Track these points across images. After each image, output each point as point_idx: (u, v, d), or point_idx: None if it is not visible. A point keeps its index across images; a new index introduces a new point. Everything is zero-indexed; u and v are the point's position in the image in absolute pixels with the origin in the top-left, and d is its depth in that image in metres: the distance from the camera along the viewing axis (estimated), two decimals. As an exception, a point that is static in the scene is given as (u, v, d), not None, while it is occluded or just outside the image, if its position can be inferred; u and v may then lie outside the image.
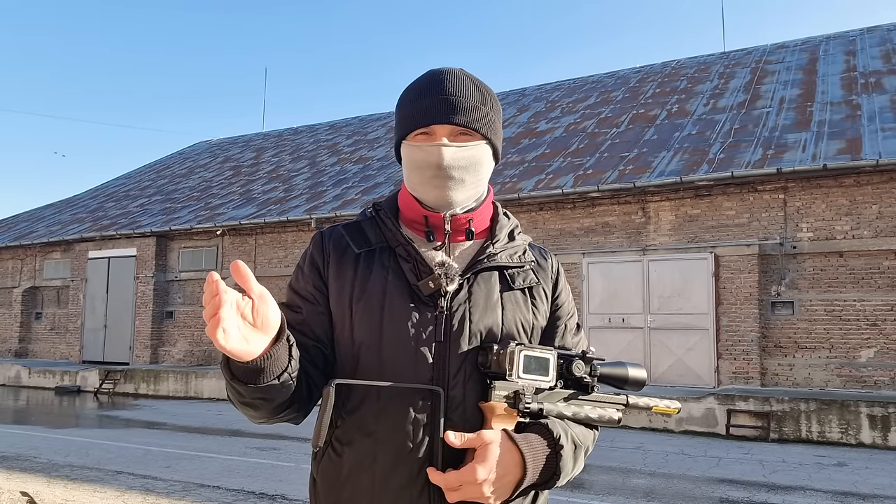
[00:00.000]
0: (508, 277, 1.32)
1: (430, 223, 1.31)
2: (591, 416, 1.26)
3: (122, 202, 23.88)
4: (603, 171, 13.87)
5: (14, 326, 21.53)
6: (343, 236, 1.34)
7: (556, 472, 1.19)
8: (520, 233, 1.41)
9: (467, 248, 1.34)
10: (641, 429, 10.88)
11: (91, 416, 13.34)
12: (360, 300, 1.26)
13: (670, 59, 21.79)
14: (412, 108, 1.30)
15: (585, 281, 13.28)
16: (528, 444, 1.17)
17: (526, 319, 1.30)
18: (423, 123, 1.28)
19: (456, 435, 1.16)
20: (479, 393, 1.22)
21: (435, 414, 1.19)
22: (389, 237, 1.32)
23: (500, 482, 1.13)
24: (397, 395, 1.20)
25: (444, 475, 1.14)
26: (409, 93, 1.33)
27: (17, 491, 6.25)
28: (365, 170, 19.72)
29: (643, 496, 6.75)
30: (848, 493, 6.87)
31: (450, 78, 1.30)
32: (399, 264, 1.29)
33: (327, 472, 1.25)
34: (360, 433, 1.22)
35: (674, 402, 1.33)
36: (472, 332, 1.24)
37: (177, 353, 18.50)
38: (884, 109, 13.31)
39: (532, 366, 1.20)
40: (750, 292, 11.84)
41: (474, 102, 1.29)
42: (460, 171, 1.27)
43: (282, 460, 8.38)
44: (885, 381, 10.94)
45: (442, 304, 1.25)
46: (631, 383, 1.29)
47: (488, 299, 1.28)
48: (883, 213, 11.25)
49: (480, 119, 1.29)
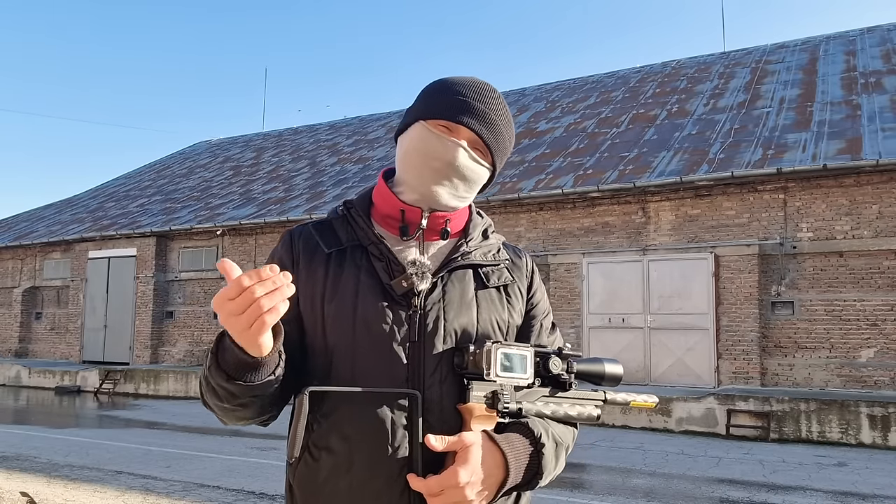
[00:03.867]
0: (483, 276, 1.30)
1: (406, 218, 1.28)
2: (571, 413, 1.25)
3: (122, 202, 23.88)
4: (603, 171, 13.86)
5: (14, 326, 21.53)
6: (312, 235, 1.30)
7: (539, 471, 1.17)
8: (493, 231, 1.38)
9: (441, 246, 1.31)
10: (641, 429, 10.87)
11: (91, 416, 13.34)
12: (332, 301, 1.22)
13: (670, 59, 21.79)
14: (451, 97, 1.26)
15: (585, 281, 13.27)
16: (510, 445, 1.15)
17: (501, 318, 1.28)
18: (455, 118, 1.25)
19: (437, 438, 1.13)
20: (455, 394, 1.19)
21: (412, 416, 1.16)
22: (361, 235, 1.28)
23: (484, 484, 1.12)
24: (374, 397, 1.17)
25: (425, 481, 1.11)
26: (451, 83, 1.30)
27: (17, 491, 6.25)
28: (365, 170, 19.71)
29: (643, 496, 6.74)
30: (848, 493, 6.87)
31: (493, 96, 1.29)
32: (371, 263, 1.25)
33: (304, 478, 1.21)
34: (336, 437, 1.18)
35: (651, 397, 1.32)
36: (447, 331, 1.22)
37: (177, 353, 18.50)
38: (884, 109, 13.31)
39: (509, 363, 1.18)
40: (750, 292, 11.84)
41: (503, 130, 1.29)
42: (461, 179, 1.26)
43: (282, 460, 8.36)
44: (885, 381, 10.94)
45: (415, 303, 1.22)
46: (608, 379, 1.27)
47: (463, 298, 1.25)
48: (883, 213, 11.25)
49: (500, 147, 1.30)
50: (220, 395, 1.11)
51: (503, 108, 1.30)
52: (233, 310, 0.98)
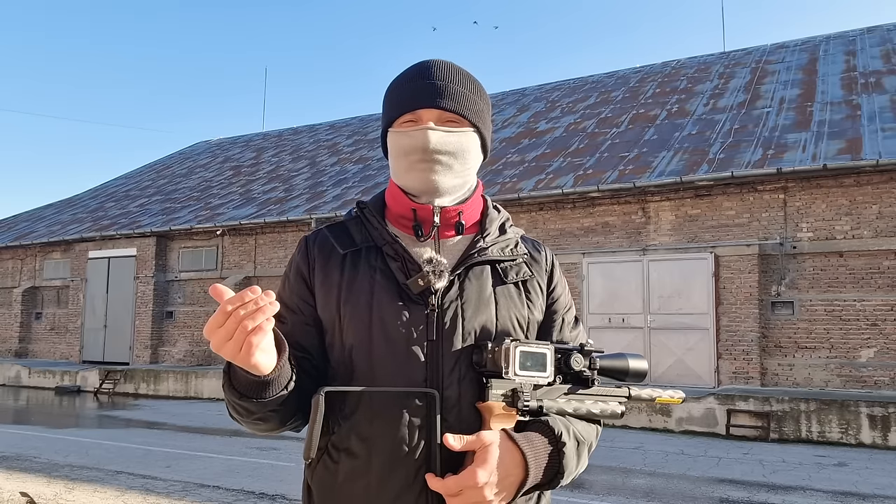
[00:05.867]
0: (501, 272, 1.28)
1: (419, 217, 1.27)
2: (593, 410, 1.22)
3: (122, 202, 23.88)
4: (603, 171, 13.86)
5: (14, 326, 21.52)
6: (328, 238, 1.31)
7: (560, 470, 1.16)
8: (511, 225, 1.36)
9: (457, 243, 1.30)
10: (641, 429, 10.87)
11: (91, 416, 13.34)
12: (349, 302, 1.22)
13: (670, 59, 21.79)
14: (398, 94, 1.28)
15: (585, 281, 13.27)
16: (530, 444, 1.14)
17: (521, 314, 1.26)
18: (410, 108, 1.25)
19: (455, 438, 1.12)
20: (474, 393, 1.18)
21: (430, 416, 1.15)
22: (375, 236, 1.28)
23: (502, 484, 1.10)
24: (391, 398, 1.16)
25: (443, 481, 1.11)
26: (395, 82, 1.31)
27: (17, 491, 6.26)
28: (365, 170, 19.71)
29: (643, 496, 6.75)
30: (848, 493, 6.87)
31: (437, 66, 1.28)
32: (387, 263, 1.24)
33: (322, 480, 1.21)
34: (355, 438, 1.18)
35: (677, 392, 1.30)
36: (466, 329, 1.20)
37: (177, 353, 18.49)
38: (884, 109, 13.31)
39: (528, 362, 1.16)
40: (750, 292, 11.83)
41: (462, 89, 1.27)
42: (447, 156, 1.24)
43: (282, 460, 8.38)
44: (885, 381, 10.94)
45: (433, 301, 1.20)
46: (632, 375, 1.25)
47: (481, 295, 1.23)
48: (883, 213, 11.25)
49: (468, 106, 1.26)
50: (239, 412, 1.14)
51: (453, 72, 1.29)
52: (222, 337, 0.99)
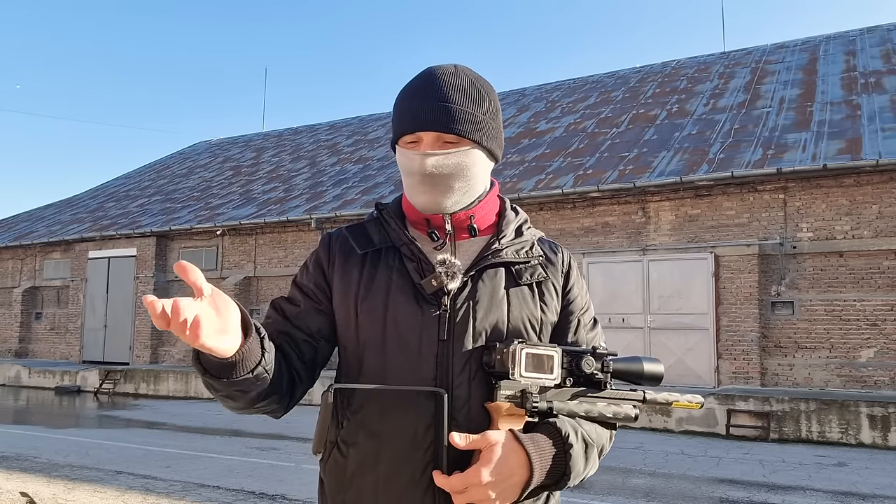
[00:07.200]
0: (515, 273, 1.29)
1: (432, 224, 1.31)
2: (606, 413, 1.22)
3: (122, 202, 23.88)
4: (603, 171, 13.87)
5: (14, 326, 21.52)
6: (348, 239, 1.35)
7: (567, 472, 1.16)
8: (528, 228, 1.38)
9: (473, 245, 1.32)
10: (641, 429, 10.87)
11: (91, 416, 13.34)
12: (366, 300, 1.26)
13: (670, 59, 21.79)
14: (401, 113, 1.29)
15: (585, 281, 13.25)
16: (535, 445, 1.14)
17: (534, 315, 1.28)
18: (410, 130, 1.26)
19: (461, 436, 1.14)
20: (484, 393, 1.20)
21: (439, 414, 1.17)
22: (394, 237, 1.32)
23: (506, 484, 1.11)
24: (401, 395, 1.19)
25: (448, 479, 1.13)
26: (402, 95, 1.31)
27: (17, 491, 6.26)
28: (365, 170, 19.72)
29: (643, 496, 6.75)
30: (848, 493, 6.87)
31: (442, 80, 1.27)
32: (404, 264, 1.28)
33: (333, 473, 1.25)
34: (364, 433, 1.21)
35: (696, 397, 1.28)
36: (477, 329, 1.23)
37: (177, 353, 18.50)
38: (884, 109, 13.31)
39: (534, 364, 1.17)
40: (750, 292, 11.84)
41: (462, 107, 1.25)
42: (445, 178, 1.25)
43: (282, 460, 8.38)
44: (885, 381, 10.94)
45: (445, 302, 1.23)
46: (647, 378, 1.25)
47: (493, 296, 1.26)
48: (883, 213, 11.25)
49: (467, 124, 1.25)
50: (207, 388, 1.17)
51: (456, 84, 1.27)
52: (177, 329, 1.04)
